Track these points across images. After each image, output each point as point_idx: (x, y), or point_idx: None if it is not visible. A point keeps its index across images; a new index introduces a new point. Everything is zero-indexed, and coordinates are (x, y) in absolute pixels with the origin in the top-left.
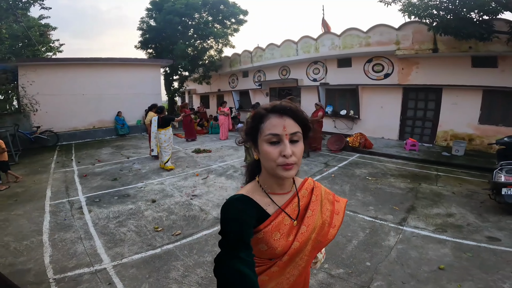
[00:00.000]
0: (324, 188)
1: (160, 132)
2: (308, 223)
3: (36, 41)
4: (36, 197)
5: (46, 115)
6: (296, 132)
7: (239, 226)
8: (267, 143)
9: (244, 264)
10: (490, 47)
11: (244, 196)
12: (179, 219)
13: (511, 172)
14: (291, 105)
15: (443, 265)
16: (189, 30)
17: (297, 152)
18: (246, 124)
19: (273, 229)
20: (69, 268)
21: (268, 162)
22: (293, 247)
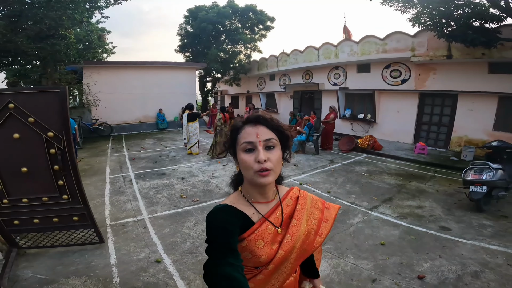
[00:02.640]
0: (312, 196)
1: (189, 124)
2: (293, 232)
3: (96, 44)
4: (99, 172)
5: (104, 110)
6: (270, 138)
7: (225, 234)
8: (243, 152)
9: (233, 269)
10: (504, 54)
11: (227, 206)
12: (199, 191)
13: (479, 171)
14: (264, 115)
15: (385, 241)
16: (221, 36)
17: (272, 158)
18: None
19: (257, 237)
20: (120, 218)
21: (245, 171)
22: (277, 256)
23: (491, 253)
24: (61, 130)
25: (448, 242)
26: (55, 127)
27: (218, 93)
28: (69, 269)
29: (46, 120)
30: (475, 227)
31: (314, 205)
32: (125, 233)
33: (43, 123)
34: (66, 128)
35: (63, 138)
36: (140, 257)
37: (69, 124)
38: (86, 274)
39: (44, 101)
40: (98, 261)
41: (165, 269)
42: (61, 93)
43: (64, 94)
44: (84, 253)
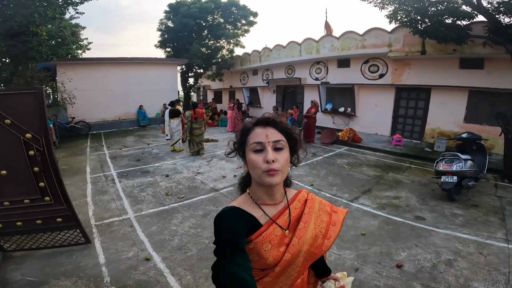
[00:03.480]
0: (320, 199)
1: (170, 121)
2: (300, 235)
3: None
4: (79, 172)
5: (81, 108)
6: (279, 140)
7: (233, 235)
8: (252, 152)
9: (242, 269)
10: (474, 50)
11: (235, 208)
12: (185, 188)
13: (449, 161)
14: (274, 117)
15: (365, 232)
16: (203, 31)
17: (281, 159)
18: (235, 137)
19: (264, 239)
20: (105, 217)
21: (254, 170)
22: (284, 258)
23: (462, 241)
24: (39, 131)
25: (423, 231)
26: (33, 128)
27: (201, 89)
28: (58, 270)
29: (24, 121)
30: (447, 216)
31: (322, 208)
32: (112, 233)
33: (21, 125)
34: (44, 129)
35: (42, 139)
36: (129, 255)
37: (47, 124)
38: (76, 275)
39: (20, 102)
40: (87, 261)
41: (155, 266)
42: (38, 94)
43: (41, 95)
44: (71, 253)
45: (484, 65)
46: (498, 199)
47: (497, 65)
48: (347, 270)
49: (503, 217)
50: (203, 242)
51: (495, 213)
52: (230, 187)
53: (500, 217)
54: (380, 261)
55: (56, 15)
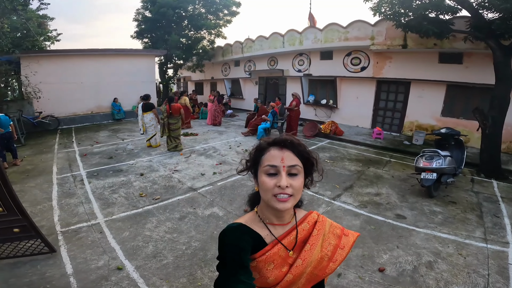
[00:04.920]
0: (331, 222)
1: (144, 115)
2: (305, 257)
3: (35, 32)
4: (45, 172)
5: (48, 102)
6: (295, 165)
7: (238, 252)
8: (265, 174)
9: (245, 286)
10: (454, 44)
11: (241, 225)
12: (160, 188)
13: (429, 158)
14: (292, 139)
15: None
16: (183, 21)
17: (295, 185)
18: (249, 155)
19: (267, 259)
20: (72, 223)
21: (264, 193)
22: (286, 279)
23: (442, 241)
24: None
25: (403, 231)
26: None
27: (181, 80)
28: (22, 281)
29: None
30: (427, 214)
31: (332, 231)
32: (79, 240)
33: None
34: None
35: None
36: (99, 264)
37: None
38: (42, 286)
39: None
40: (53, 271)
41: (128, 276)
42: None
43: None
44: (35, 263)
45: (463, 60)
46: (475, 195)
47: (476, 60)
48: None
49: (481, 215)
50: (180, 248)
51: (473, 210)
52: (209, 186)
53: (478, 214)
54: (362, 265)
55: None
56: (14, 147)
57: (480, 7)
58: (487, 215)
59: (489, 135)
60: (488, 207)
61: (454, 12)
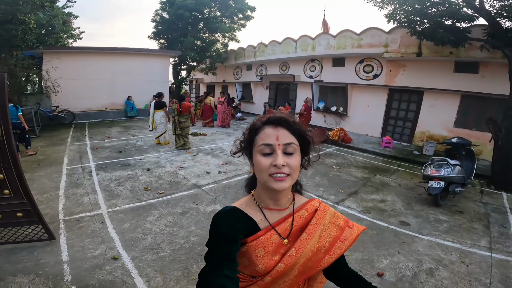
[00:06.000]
0: (334, 211)
1: (155, 112)
2: (299, 247)
3: (60, 29)
4: (56, 163)
5: (65, 96)
6: (290, 143)
7: (227, 242)
8: (260, 154)
9: (229, 281)
10: (470, 53)
11: (235, 209)
12: (165, 183)
13: (437, 166)
14: (286, 117)
15: None
16: (198, 24)
17: (291, 163)
18: (243, 136)
19: (258, 245)
20: (75, 212)
21: (260, 173)
22: (277, 268)
23: (445, 249)
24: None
25: (406, 238)
26: None
27: (193, 82)
28: (16, 267)
29: None
30: (432, 222)
31: (333, 222)
32: (80, 229)
33: None
34: (4, 117)
35: (1, 128)
36: (96, 254)
37: (7, 112)
38: (35, 272)
39: None
40: (48, 258)
41: (122, 266)
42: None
43: (2, 81)
44: (33, 250)
45: (479, 69)
46: (483, 206)
47: (492, 69)
48: None
49: (488, 224)
50: (178, 242)
51: (480, 220)
52: (213, 184)
53: (485, 224)
54: (361, 269)
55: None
56: (27, 137)
57: (497, 15)
58: (494, 225)
59: (501, 146)
60: (496, 217)
61: (471, 20)
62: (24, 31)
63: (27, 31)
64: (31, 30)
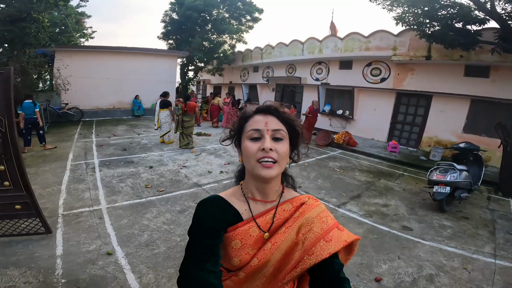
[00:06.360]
0: (324, 209)
1: (160, 111)
2: (275, 241)
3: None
4: (61, 159)
5: (75, 94)
6: (279, 129)
7: (209, 235)
8: (248, 139)
9: (211, 276)
10: (481, 57)
11: (219, 198)
12: (166, 181)
13: (443, 171)
14: (276, 105)
15: None
16: (207, 25)
17: (279, 149)
18: (233, 125)
19: (235, 236)
20: (75, 207)
21: (247, 159)
22: (251, 263)
23: (447, 255)
24: (2, 112)
25: (408, 243)
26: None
27: (200, 82)
28: (9, 259)
29: None
30: (435, 228)
31: (320, 218)
32: (78, 224)
33: None
34: (8, 110)
35: (5, 121)
36: (90, 248)
37: (12, 106)
38: (27, 265)
39: None
40: (43, 252)
41: (116, 261)
42: (5, 74)
43: (8, 76)
44: (28, 243)
45: (490, 73)
46: (490, 212)
47: (503, 73)
48: None
49: (493, 231)
50: (174, 239)
51: (485, 226)
52: (214, 184)
53: (490, 231)
54: (359, 273)
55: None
56: (42, 133)
57: (509, 18)
58: (500, 231)
59: (510, 152)
60: (502, 224)
61: (482, 23)
62: (37, 29)
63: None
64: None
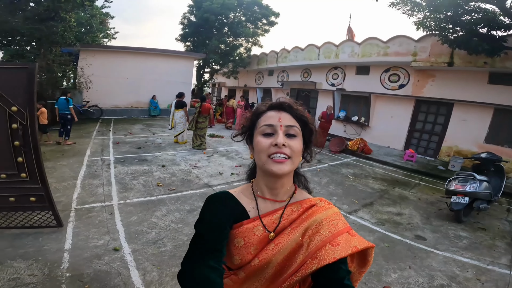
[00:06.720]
0: (336, 212)
1: (175, 112)
2: (279, 241)
3: (96, 29)
4: (78, 154)
5: (95, 93)
6: (292, 125)
7: (214, 231)
8: (260, 135)
9: (212, 272)
10: (506, 64)
11: (228, 194)
12: (178, 180)
13: (463, 181)
14: (290, 102)
15: None
16: (223, 28)
17: (293, 145)
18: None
19: (238, 233)
20: (88, 202)
21: (259, 155)
22: (252, 263)
23: (462, 266)
24: (25, 105)
25: (420, 252)
26: (19, 102)
27: (216, 85)
28: (18, 251)
29: (12, 94)
30: (451, 238)
31: (329, 221)
32: (89, 218)
33: (8, 97)
34: (30, 104)
35: (27, 114)
36: (98, 244)
37: (34, 100)
38: (34, 258)
39: (12, 77)
40: (51, 245)
41: (122, 258)
42: (29, 69)
43: (32, 71)
44: (38, 236)
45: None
46: (508, 224)
47: None
48: None
49: (511, 242)
50: (181, 238)
51: (503, 238)
52: (224, 185)
53: (508, 242)
54: (366, 282)
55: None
56: (69, 128)
57: None
58: None
59: None
60: None
61: (508, 29)
62: (64, 28)
63: (67, 28)
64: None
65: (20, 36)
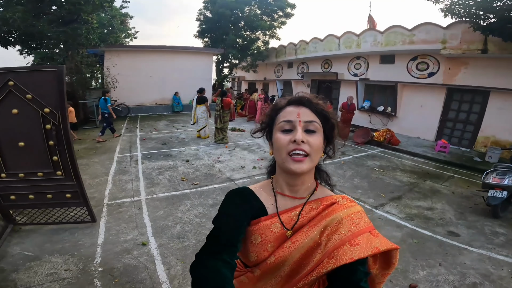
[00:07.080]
0: (359, 210)
1: (197, 107)
2: (296, 239)
3: (118, 29)
4: (109, 151)
5: (122, 91)
6: (312, 121)
7: (231, 225)
8: (279, 131)
9: (224, 266)
10: None
11: (247, 190)
12: (201, 175)
13: (501, 174)
14: (310, 97)
15: None
16: (239, 22)
17: (312, 142)
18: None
19: (256, 230)
20: (118, 197)
21: (278, 152)
22: (268, 261)
23: (497, 263)
24: (56, 106)
25: (452, 249)
26: (51, 103)
27: (235, 79)
28: (55, 246)
29: (43, 97)
30: (487, 235)
31: (350, 220)
32: (120, 213)
33: (40, 100)
34: (61, 105)
35: (58, 114)
36: (128, 238)
37: (64, 101)
38: (70, 253)
39: (42, 79)
40: (86, 240)
41: (149, 252)
42: (58, 72)
43: (61, 73)
44: (74, 231)
45: None
46: None
47: None
48: None
49: None
50: (205, 233)
51: None
52: (246, 179)
53: None
54: (392, 279)
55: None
56: (105, 126)
57: None
58: None
59: None
60: None
61: None
62: (87, 30)
63: (90, 30)
64: (93, 29)
65: (48, 39)
